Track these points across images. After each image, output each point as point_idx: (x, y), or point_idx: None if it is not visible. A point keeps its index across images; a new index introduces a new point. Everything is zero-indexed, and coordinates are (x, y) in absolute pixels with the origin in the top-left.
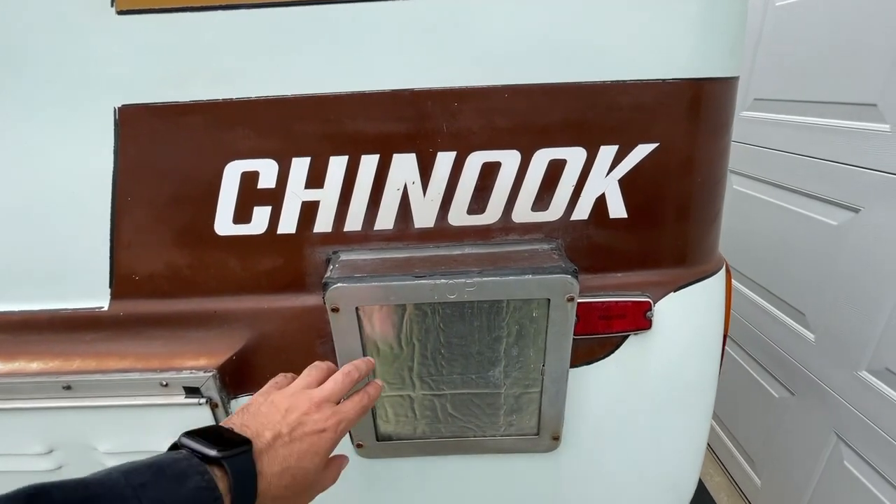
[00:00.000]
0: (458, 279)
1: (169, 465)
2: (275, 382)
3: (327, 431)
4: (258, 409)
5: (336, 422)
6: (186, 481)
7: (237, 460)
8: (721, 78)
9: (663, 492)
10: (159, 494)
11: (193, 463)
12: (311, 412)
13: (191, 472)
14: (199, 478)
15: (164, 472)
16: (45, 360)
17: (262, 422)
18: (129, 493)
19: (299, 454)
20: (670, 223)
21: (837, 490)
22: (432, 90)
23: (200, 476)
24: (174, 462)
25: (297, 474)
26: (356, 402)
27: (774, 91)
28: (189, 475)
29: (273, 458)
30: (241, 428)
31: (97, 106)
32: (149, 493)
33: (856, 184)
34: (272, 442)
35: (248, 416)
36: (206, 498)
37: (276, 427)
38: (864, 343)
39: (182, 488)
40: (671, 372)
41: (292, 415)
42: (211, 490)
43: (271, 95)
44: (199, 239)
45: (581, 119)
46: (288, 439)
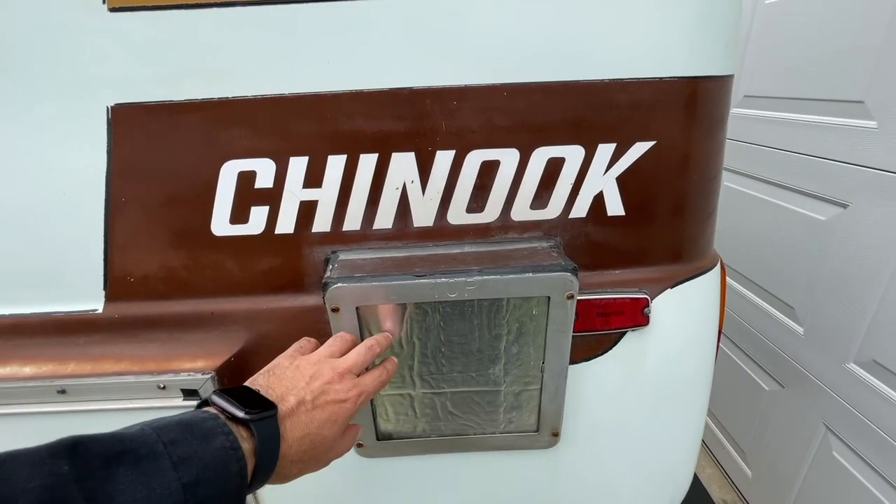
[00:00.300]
0: (458, 278)
1: (197, 424)
2: (299, 347)
3: (348, 402)
4: (283, 373)
5: (357, 393)
6: (213, 440)
7: (263, 423)
8: (717, 76)
9: (660, 485)
10: (187, 451)
11: (219, 423)
12: (335, 381)
13: (217, 432)
14: (223, 438)
15: (192, 430)
16: (38, 364)
17: (287, 386)
18: (160, 448)
19: (320, 422)
20: (667, 220)
21: (826, 480)
22: (431, 88)
23: (225, 436)
24: (202, 421)
25: (316, 440)
26: (376, 376)
27: (764, 88)
28: (215, 434)
29: (296, 424)
30: (266, 390)
31: (89, 105)
32: (178, 449)
33: (844, 180)
34: (296, 408)
35: (273, 379)
36: (230, 457)
37: (300, 393)
38: (852, 336)
39: (208, 447)
40: (668, 367)
41: (316, 382)
42: (235, 450)
43: (268, 94)
44: (195, 240)
45: (579, 117)
46: (311, 406)
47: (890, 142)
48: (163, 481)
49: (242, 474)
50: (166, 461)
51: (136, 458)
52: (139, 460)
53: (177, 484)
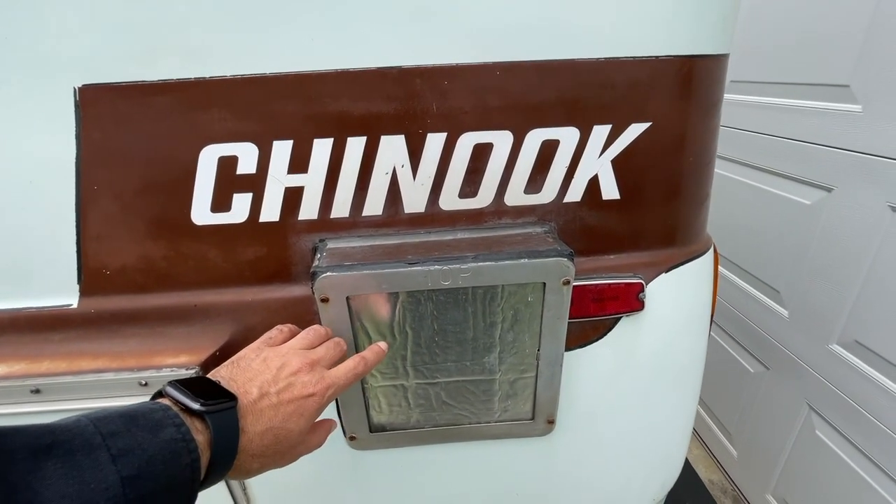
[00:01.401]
0: (452, 265)
1: (143, 415)
2: (269, 337)
3: (315, 396)
4: (248, 364)
5: (325, 387)
6: (160, 432)
7: (220, 416)
8: (713, 55)
9: (653, 468)
10: (129, 443)
11: (170, 414)
12: (302, 373)
13: (166, 423)
14: (174, 429)
15: (137, 422)
16: (8, 363)
17: (251, 377)
18: (97, 440)
19: (285, 415)
20: (662, 203)
21: (809, 457)
22: (421, 68)
23: (175, 428)
24: (149, 412)
25: (279, 434)
26: (349, 369)
27: (750, 73)
28: (163, 426)
29: (258, 417)
30: (228, 382)
31: (54, 86)
32: (118, 441)
33: (829, 164)
34: (258, 400)
35: (236, 370)
36: (179, 449)
37: (264, 385)
38: (835, 318)
39: (155, 438)
40: (662, 352)
41: (282, 373)
42: (186, 442)
43: (248, 74)
44: (174, 229)
45: (574, 98)
46: (276, 400)
47: (875, 125)
48: (98, 475)
49: (194, 468)
50: (104, 454)
51: (68, 450)
52: (72, 453)
53: (115, 477)
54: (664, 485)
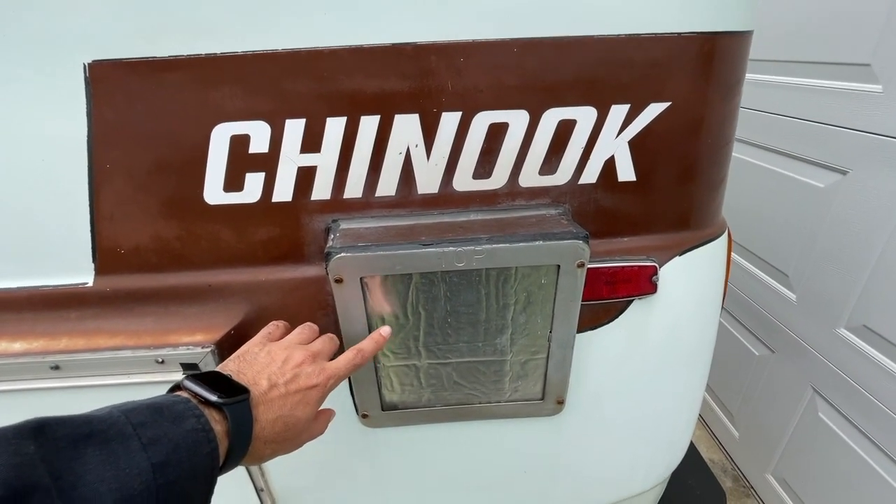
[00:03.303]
0: (466, 246)
1: (167, 407)
2: (268, 332)
3: (318, 387)
4: (254, 358)
5: (326, 377)
6: (183, 422)
7: (236, 407)
8: (736, 32)
9: (659, 449)
10: (157, 433)
11: (190, 406)
12: (306, 364)
13: (187, 415)
14: (194, 420)
15: (162, 413)
16: (28, 339)
17: (259, 370)
18: (129, 430)
19: (292, 404)
20: (678, 186)
21: (811, 439)
22: (437, 44)
23: (196, 419)
24: (172, 404)
25: (289, 422)
26: (348, 360)
27: (764, 51)
28: (185, 417)
29: (268, 406)
30: (238, 375)
31: (64, 63)
32: (147, 431)
33: (845, 146)
34: (268, 390)
35: (244, 364)
36: (200, 439)
37: (272, 377)
38: (844, 302)
39: (179, 428)
40: (673, 335)
41: (287, 365)
42: (206, 432)
43: (260, 50)
44: (187, 209)
45: (592, 76)
46: (284, 390)
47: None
48: (132, 461)
49: (214, 455)
50: (136, 442)
51: (104, 439)
52: (108, 441)
53: (146, 464)
54: (669, 466)
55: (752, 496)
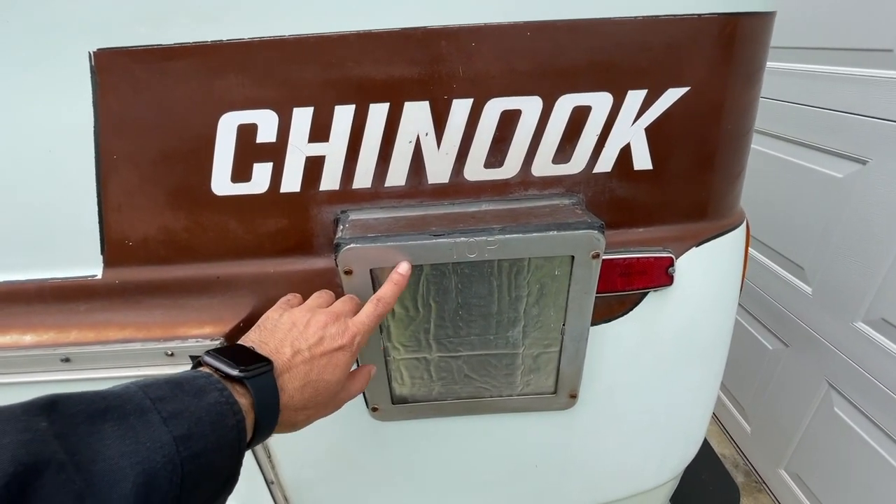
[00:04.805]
0: (478, 237)
1: (187, 381)
2: (286, 300)
3: (344, 348)
4: (275, 326)
5: (352, 335)
6: (205, 396)
7: (259, 379)
8: (759, 13)
9: (673, 444)
10: (177, 406)
11: (212, 380)
12: (329, 324)
13: (209, 388)
14: (217, 393)
15: (182, 387)
16: (38, 332)
17: (280, 338)
18: (147, 404)
19: (320, 368)
20: (696, 175)
21: (826, 434)
22: (447, 28)
23: (219, 392)
24: (193, 378)
25: (319, 386)
26: (370, 312)
27: (781, 38)
28: (207, 391)
29: (294, 374)
30: (259, 345)
31: (69, 51)
32: (167, 405)
33: (865, 135)
34: (292, 357)
35: (265, 333)
36: (225, 411)
37: (295, 342)
38: (862, 295)
39: (200, 402)
40: (689, 329)
41: (310, 329)
42: (230, 405)
43: (267, 36)
44: (195, 200)
45: (608, 61)
46: (308, 355)
47: None
48: (152, 435)
49: (240, 428)
50: (155, 416)
51: (122, 413)
52: (126, 416)
53: (168, 437)
54: (682, 461)
55: (764, 491)
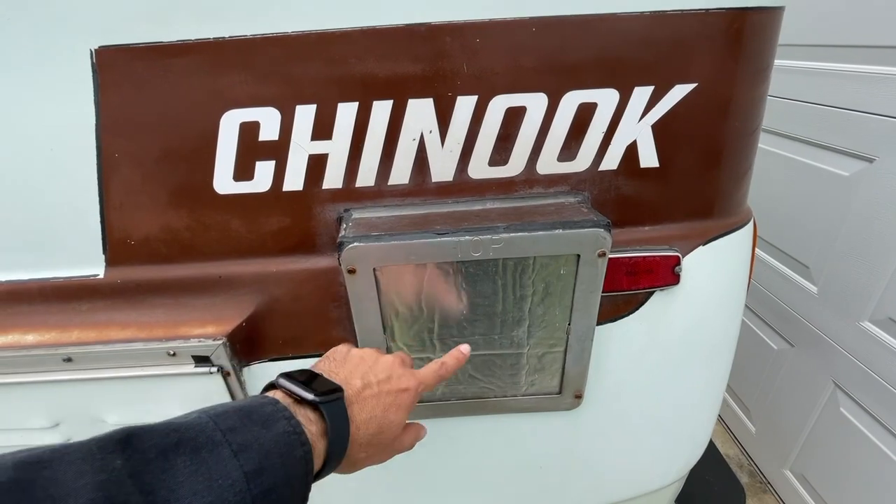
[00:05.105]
0: (483, 236)
1: (255, 410)
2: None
3: (409, 391)
4: (345, 358)
5: (417, 382)
6: (273, 426)
7: (332, 405)
8: (767, 7)
9: (679, 445)
10: (247, 438)
11: (279, 408)
12: (397, 367)
13: (277, 417)
14: (285, 423)
15: (251, 416)
16: (40, 332)
17: (351, 370)
18: (219, 437)
19: (385, 406)
20: (703, 172)
21: (832, 435)
22: (451, 24)
23: (287, 421)
24: (260, 406)
25: (382, 424)
26: (434, 371)
27: (787, 35)
28: (276, 419)
29: (362, 406)
30: (329, 374)
31: (70, 49)
32: (237, 437)
33: (872, 132)
34: (361, 390)
35: (335, 364)
36: (293, 442)
37: (365, 376)
38: (868, 294)
39: (269, 433)
40: (696, 328)
41: (379, 366)
42: (298, 434)
43: (269, 33)
44: (197, 198)
45: (615, 57)
46: (377, 390)
47: None
48: (224, 471)
49: (307, 458)
50: (226, 450)
51: (194, 447)
52: (198, 450)
53: (239, 473)
54: (688, 462)
55: (769, 492)
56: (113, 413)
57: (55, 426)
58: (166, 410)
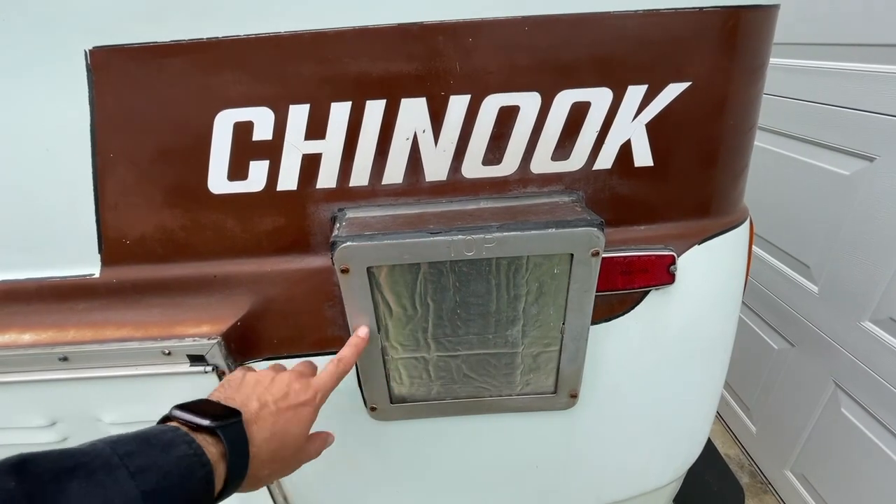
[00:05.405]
0: (476, 235)
1: (155, 436)
2: (246, 367)
3: (307, 405)
4: (241, 383)
5: (313, 394)
6: (173, 450)
7: (230, 428)
8: (762, 5)
9: (676, 443)
10: (145, 461)
11: (180, 433)
12: (293, 381)
13: (178, 441)
14: (185, 446)
15: (150, 442)
16: (36, 331)
17: (247, 393)
18: (115, 461)
19: (285, 421)
20: (698, 171)
21: (833, 435)
22: (444, 24)
23: (187, 445)
24: (161, 433)
25: (284, 439)
26: (331, 373)
27: (787, 34)
28: (176, 444)
29: (262, 426)
30: (226, 401)
31: (65, 49)
32: (135, 460)
33: (872, 131)
34: (259, 410)
35: (231, 390)
36: (193, 464)
37: (262, 397)
38: (870, 293)
39: (168, 456)
40: (691, 328)
41: (275, 385)
42: (198, 456)
43: (262, 33)
44: (192, 198)
45: (608, 55)
46: (274, 408)
47: None
48: (120, 490)
49: (209, 479)
50: (123, 472)
51: (89, 470)
52: (93, 472)
53: (136, 492)
54: (686, 461)
55: (770, 492)
56: (108, 412)
57: (52, 425)
58: (163, 409)
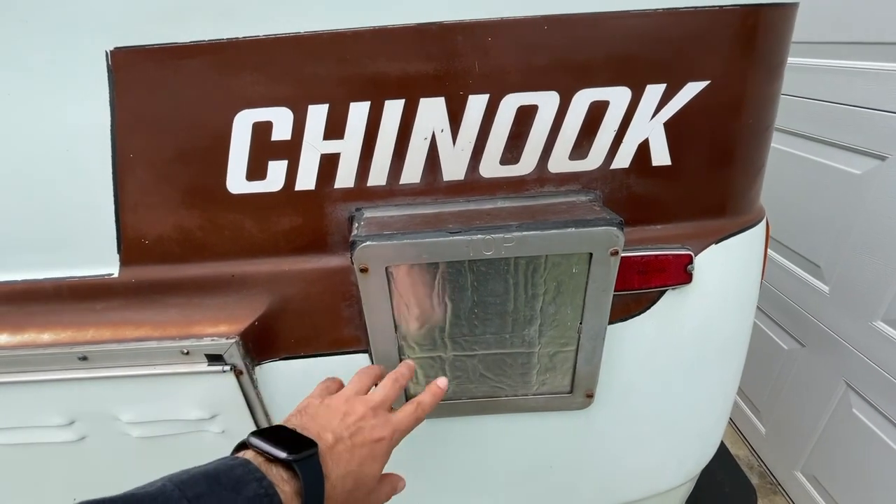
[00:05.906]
0: (495, 234)
1: (224, 473)
2: (325, 387)
3: (384, 441)
4: (316, 412)
5: (391, 431)
6: (243, 489)
7: (306, 463)
8: (782, 4)
9: (690, 445)
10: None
11: (250, 469)
12: (368, 417)
13: (248, 479)
14: (256, 485)
15: (220, 481)
16: (55, 330)
17: (322, 424)
18: None
19: (360, 459)
20: (717, 171)
21: (844, 436)
22: (463, 23)
23: (258, 483)
24: (230, 469)
25: (358, 478)
26: (409, 414)
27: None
28: (246, 482)
29: (337, 461)
30: (301, 430)
31: (86, 50)
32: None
33: (884, 130)
34: (334, 445)
35: (306, 418)
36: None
37: (336, 430)
38: (881, 293)
39: (239, 497)
40: (708, 327)
41: (350, 418)
42: (269, 497)
43: (282, 33)
44: (210, 198)
45: (627, 54)
46: (350, 444)
47: None
48: None
49: None
50: None
51: None
52: None
53: None
54: (699, 462)
55: (779, 493)
56: (127, 411)
57: (70, 424)
58: (180, 407)
